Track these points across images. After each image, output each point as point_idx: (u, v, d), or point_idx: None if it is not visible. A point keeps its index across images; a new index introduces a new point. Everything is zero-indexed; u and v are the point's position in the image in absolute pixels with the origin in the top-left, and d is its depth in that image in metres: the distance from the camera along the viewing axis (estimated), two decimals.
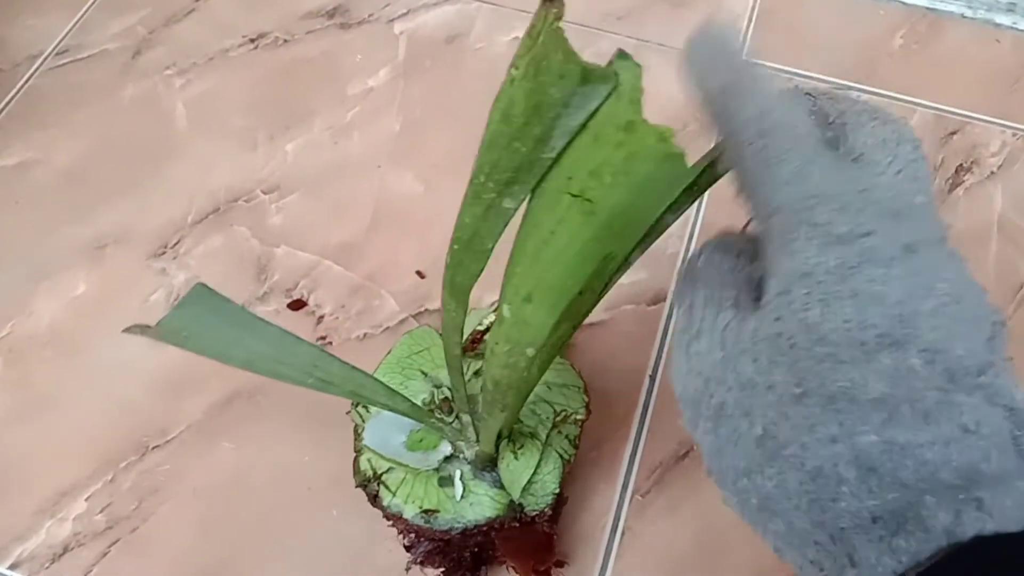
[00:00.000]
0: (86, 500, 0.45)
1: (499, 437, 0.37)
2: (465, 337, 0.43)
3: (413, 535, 0.40)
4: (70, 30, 0.62)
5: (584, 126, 0.21)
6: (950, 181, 0.55)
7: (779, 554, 0.24)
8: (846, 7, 0.64)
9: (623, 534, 0.44)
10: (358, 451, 0.41)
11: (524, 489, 0.38)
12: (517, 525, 0.38)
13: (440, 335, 0.44)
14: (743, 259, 0.25)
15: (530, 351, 0.25)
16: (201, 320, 0.35)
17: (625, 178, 0.20)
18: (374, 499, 0.39)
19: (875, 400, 0.21)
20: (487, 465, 0.38)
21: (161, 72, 0.60)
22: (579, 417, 0.41)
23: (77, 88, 0.59)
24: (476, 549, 0.40)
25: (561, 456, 0.40)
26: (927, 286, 0.22)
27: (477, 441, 0.38)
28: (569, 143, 0.22)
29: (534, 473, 0.38)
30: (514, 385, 0.28)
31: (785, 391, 0.22)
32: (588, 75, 0.20)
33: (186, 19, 0.62)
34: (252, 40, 0.61)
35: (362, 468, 0.40)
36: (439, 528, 0.38)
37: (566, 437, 0.40)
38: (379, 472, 0.40)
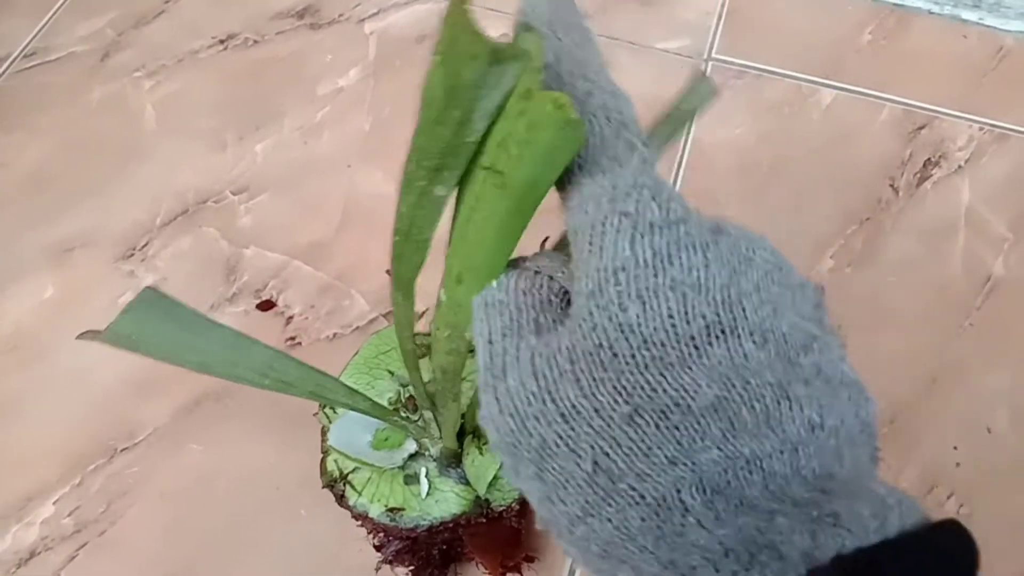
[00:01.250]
0: (54, 504, 0.44)
1: (463, 432, 0.37)
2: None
3: (382, 534, 0.40)
4: (38, 32, 0.61)
5: (501, 107, 0.21)
6: (918, 175, 0.56)
7: None
8: (814, 4, 0.64)
9: None
10: (325, 452, 0.41)
11: (490, 484, 0.38)
12: (484, 521, 0.38)
13: None
14: (540, 277, 0.23)
15: (468, 334, 0.25)
16: (152, 324, 0.34)
17: (529, 148, 0.20)
18: (341, 499, 0.39)
19: (711, 407, 0.19)
20: (452, 462, 0.38)
21: (130, 74, 0.59)
22: None
23: (44, 91, 0.59)
24: (444, 546, 0.40)
25: None
26: (747, 260, 0.20)
27: (441, 437, 0.38)
28: (490, 126, 0.22)
29: (500, 468, 0.38)
30: (458, 371, 0.28)
31: (613, 411, 0.19)
32: (497, 54, 0.20)
33: (155, 21, 0.62)
34: (222, 41, 0.61)
35: (329, 469, 0.40)
36: (405, 526, 0.38)
37: None
38: (345, 472, 0.39)
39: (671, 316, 0.19)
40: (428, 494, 0.38)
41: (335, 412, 0.41)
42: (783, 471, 0.19)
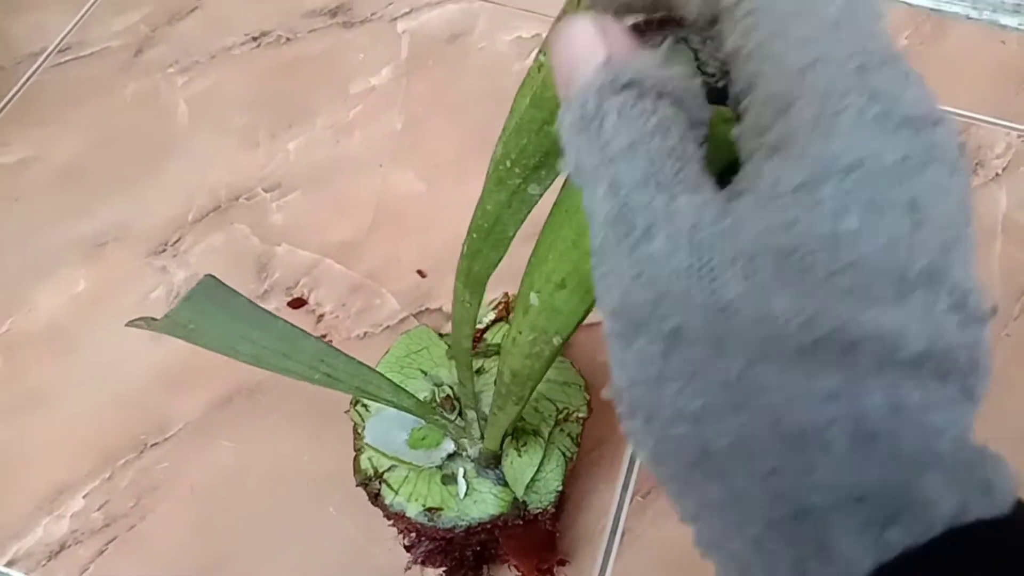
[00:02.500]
0: (84, 498, 0.44)
1: (503, 434, 0.37)
2: None
3: (414, 534, 0.40)
4: (72, 27, 0.62)
5: None
6: None
7: (697, 538, 0.18)
8: None
9: (623, 535, 0.43)
10: (358, 449, 0.41)
11: (528, 487, 0.38)
12: (520, 523, 0.38)
13: (438, 335, 0.43)
14: (667, 106, 0.17)
15: (557, 339, 0.25)
16: (208, 313, 0.34)
17: None
18: (375, 498, 0.39)
19: (908, 361, 0.16)
20: (490, 463, 0.38)
21: (163, 70, 0.59)
22: (581, 415, 0.40)
23: (79, 85, 0.59)
24: (479, 548, 0.40)
25: (564, 454, 0.39)
26: (967, 204, 0.16)
27: (481, 438, 0.38)
28: None
29: (537, 471, 0.38)
30: (534, 376, 0.28)
31: (787, 330, 0.16)
32: None
33: (189, 17, 0.62)
34: (254, 38, 0.61)
35: (363, 467, 0.40)
36: (443, 526, 0.38)
37: (568, 435, 0.40)
38: (381, 470, 0.39)
39: (894, 243, 0.16)
40: (466, 495, 0.38)
41: (367, 410, 0.41)
42: (950, 430, 0.16)
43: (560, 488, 0.39)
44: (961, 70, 0.60)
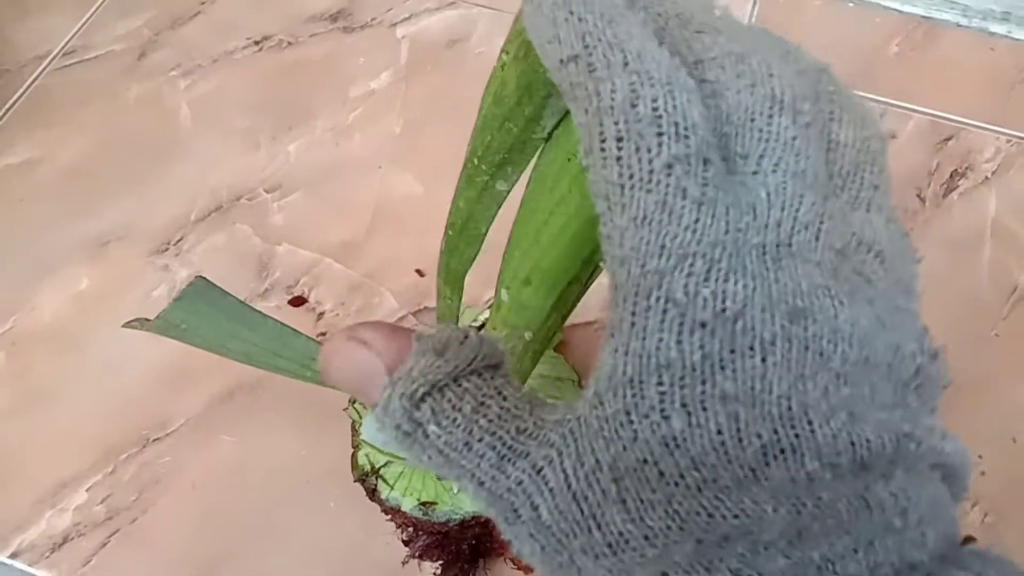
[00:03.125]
0: (86, 491, 0.45)
1: None
2: None
3: (411, 528, 0.41)
4: (77, 31, 0.63)
5: None
6: (945, 186, 0.56)
7: None
8: (842, 15, 0.64)
9: None
10: (356, 446, 0.42)
11: None
12: None
13: None
14: (470, 373, 0.19)
15: (527, 335, 0.26)
16: (200, 313, 0.35)
17: None
18: (372, 493, 0.40)
19: (777, 528, 0.16)
20: None
21: (166, 73, 0.60)
22: None
23: (83, 88, 0.60)
24: (474, 541, 0.40)
25: None
26: (822, 358, 0.16)
27: None
28: (559, 123, 0.22)
29: None
30: (517, 373, 0.29)
31: (667, 539, 0.16)
32: None
33: (191, 21, 0.63)
34: (256, 42, 0.62)
35: (360, 463, 0.41)
36: (437, 520, 0.38)
37: None
38: (377, 466, 0.40)
39: (720, 434, 0.16)
40: (460, 489, 0.38)
41: (364, 407, 0.42)
42: (858, 571, 0.16)
43: None
44: (952, 76, 0.61)
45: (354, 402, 0.42)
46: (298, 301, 0.50)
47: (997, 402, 0.48)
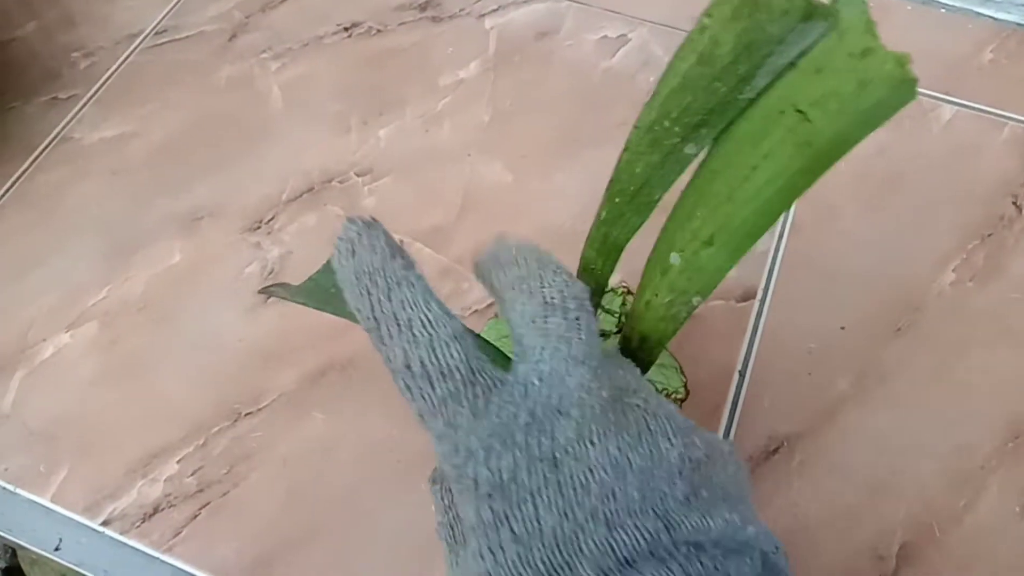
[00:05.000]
0: (177, 463, 0.45)
1: None
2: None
3: None
4: (169, 11, 0.63)
5: (791, 64, 0.21)
6: None
7: None
8: (934, 21, 0.64)
9: None
10: None
11: None
12: None
13: None
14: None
15: (697, 299, 0.26)
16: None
17: (853, 105, 0.20)
18: None
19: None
20: None
21: (257, 55, 0.61)
22: (679, 396, 0.41)
23: (175, 67, 0.60)
24: None
25: None
26: (582, 486, 0.22)
27: None
28: (771, 82, 0.22)
29: None
30: (664, 340, 0.29)
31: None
32: (812, 11, 0.20)
33: (281, 6, 0.64)
34: (346, 29, 0.62)
35: None
36: None
37: None
38: None
39: (515, 564, 0.22)
40: None
41: None
42: None
43: None
44: None
45: None
46: None
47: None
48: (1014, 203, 0.55)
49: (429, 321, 0.24)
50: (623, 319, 0.43)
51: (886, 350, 0.48)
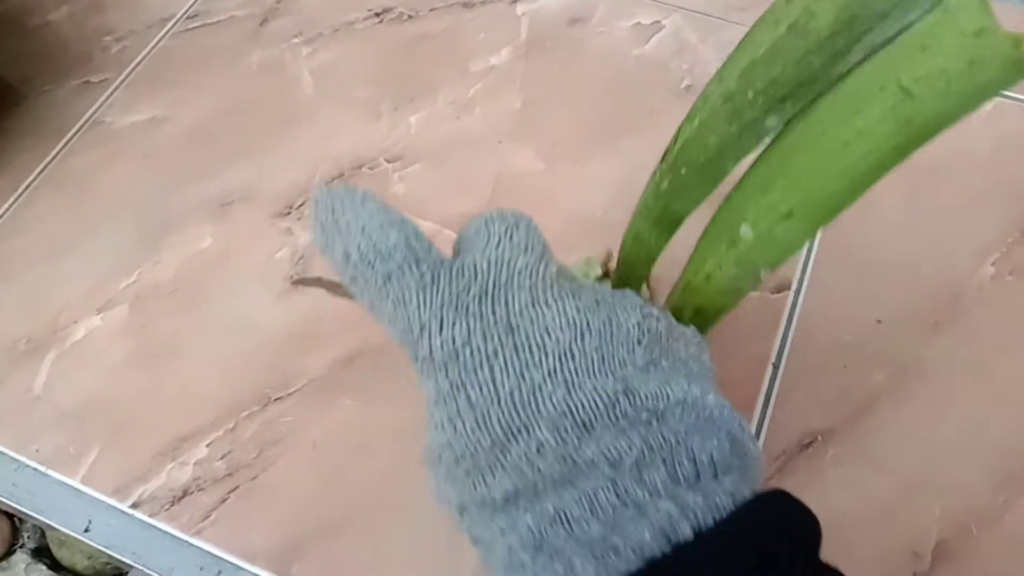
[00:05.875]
0: (207, 446, 0.45)
1: None
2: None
3: None
4: None
5: (890, 39, 0.21)
6: None
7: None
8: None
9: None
10: None
11: None
12: None
13: None
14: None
15: (764, 272, 0.26)
16: None
17: (960, 85, 0.20)
18: None
19: (508, 495, 0.22)
20: None
21: (288, 40, 0.61)
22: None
23: (206, 51, 0.60)
24: None
25: None
26: (538, 349, 0.23)
27: None
28: (865, 58, 0.22)
29: None
30: (721, 313, 0.28)
31: (456, 507, 0.24)
32: None
33: None
34: (377, 15, 0.62)
35: None
36: None
37: None
38: None
39: (473, 431, 0.22)
40: None
41: None
42: (584, 517, 0.22)
43: None
44: None
45: None
46: None
47: None
48: None
49: (364, 215, 0.25)
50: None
51: (924, 345, 0.48)
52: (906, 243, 0.51)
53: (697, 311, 0.29)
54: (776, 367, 0.47)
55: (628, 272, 0.32)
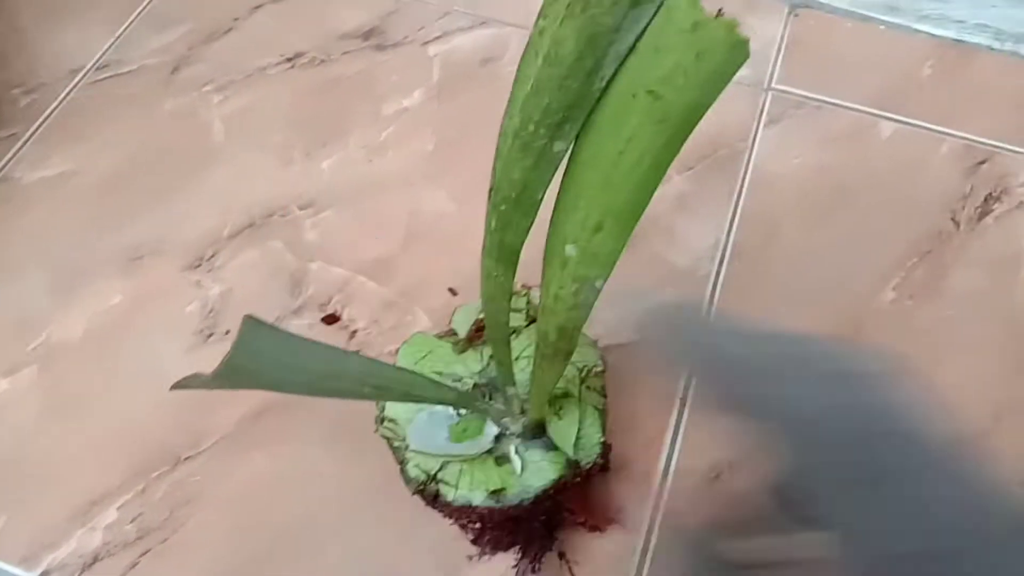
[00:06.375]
0: (117, 509, 0.45)
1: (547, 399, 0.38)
2: (468, 329, 0.44)
3: (478, 525, 0.41)
4: (111, 45, 0.63)
5: (632, 47, 0.22)
6: (979, 209, 0.56)
7: None
8: (875, 37, 0.64)
9: (654, 556, 0.43)
10: (402, 461, 0.41)
11: (575, 445, 0.40)
12: (578, 481, 0.40)
13: (435, 336, 0.44)
14: None
15: (599, 283, 0.27)
16: (259, 354, 0.34)
17: (696, 75, 0.21)
18: (435, 499, 0.40)
19: None
20: (535, 433, 0.40)
21: (200, 88, 0.61)
22: (599, 369, 0.43)
23: (117, 102, 0.60)
24: (544, 516, 0.41)
25: (595, 407, 0.42)
26: None
27: (522, 413, 0.40)
28: (617, 68, 0.23)
29: (579, 428, 0.40)
30: (579, 326, 0.30)
31: None
32: None
33: (225, 37, 0.63)
34: (289, 59, 0.62)
35: (412, 475, 0.40)
36: (510, 504, 0.39)
37: (594, 390, 0.43)
38: (432, 472, 0.40)
39: None
40: (523, 469, 0.40)
41: (396, 423, 0.42)
42: None
43: (602, 438, 0.41)
44: (984, 99, 0.61)
45: (381, 422, 0.42)
46: (331, 319, 0.50)
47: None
48: (952, 219, 0.55)
49: None
50: (530, 314, 0.45)
51: None
52: (809, 271, 0.53)
53: (559, 330, 0.30)
54: (683, 402, 0.48)
55: (491, 307, 0.33)
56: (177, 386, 0.34)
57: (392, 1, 0.65)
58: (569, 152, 0.26)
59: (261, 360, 0.33)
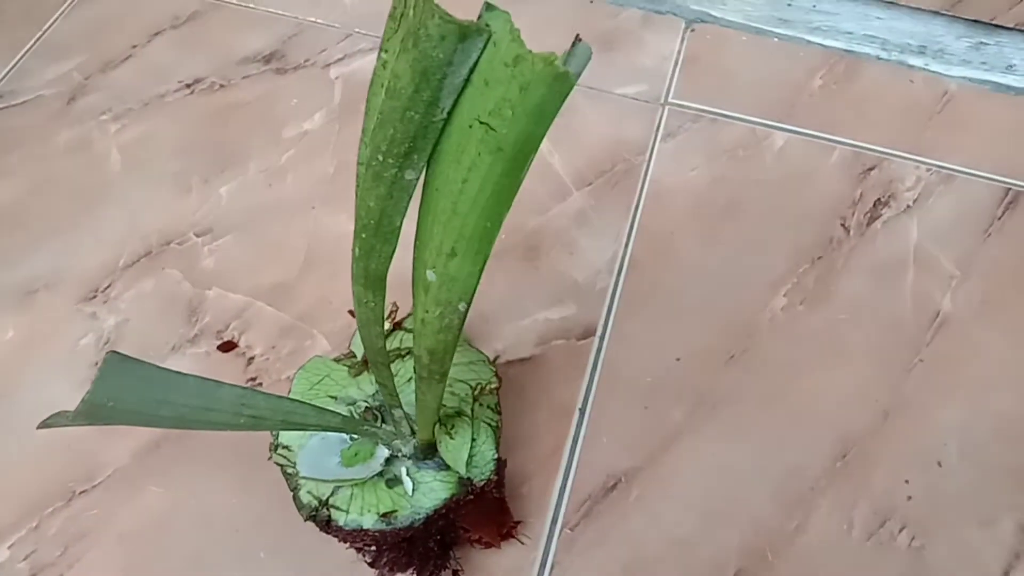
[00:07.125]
0: (9, 548, 0.44)
1: (434, 421, 0.39)
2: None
3: (373, 548, 0.41)
4: (5, 76, 0.62)
5: (467, 80, 0.23)
6: (868, 215, 0.58)
7: None
8: (768, 51, 0.66)
9: (552, 569, 0.44)
10: (295, 488, 0.41)
11: (467, 463, 0.40)
12: (471, 498, 0.40)
13: (333, 360, 0.45)
14: None
15: (462, 306, 0.27)
16: (123, 388, 0.34)
17: (523, 108, 0.22)
18: (327, 525, 0.40)
19: None
20: (426, 454, 0.40)
21: (96, 117, 0.60)
22: (493, 386, 0.43)
23: (11, 133, 0.59)
24: (439, 536, 0.41)
25: (489, 424, 0.42)
26: None
27: (412, 434, 0.40)
28: (456, 99, 0.23)
29: (471, 446, 0.40)
30: (449, 348, 0.30)
31: None
32: (465, 31, 0.22)
33: (123, 65, 0.63)
34: (188, 85, 0.62)
35: (305, 501, 0.40)
36: (401, 526, 0.39)
37: (487, 407, 0.43)
38: (324, 498, 0.40)
39: None
40: (415, 490, 0.40)
41: (289, 450, 0.42)
42: None
43: (495, 456, 0.41)
44: (873, 108, 0.63)
45: (275, 449, 0.42)
46: (228, 346, 0.50)
47: (923, 427, 0.49)
48: (843, 225, 0.57)
49: None
50: None
51: (719, 378, 0.50)
52: (705, 282, 0.54)
53: (430, 353, 0.31)
54: (583, 412, 0.49)
55: (366, 333, 0.34)
56: (43, 425, 0.34)
57: (294, 24, 0.65)
58: (422, 180, 0.27)
59: (125, 396, 0.33)
